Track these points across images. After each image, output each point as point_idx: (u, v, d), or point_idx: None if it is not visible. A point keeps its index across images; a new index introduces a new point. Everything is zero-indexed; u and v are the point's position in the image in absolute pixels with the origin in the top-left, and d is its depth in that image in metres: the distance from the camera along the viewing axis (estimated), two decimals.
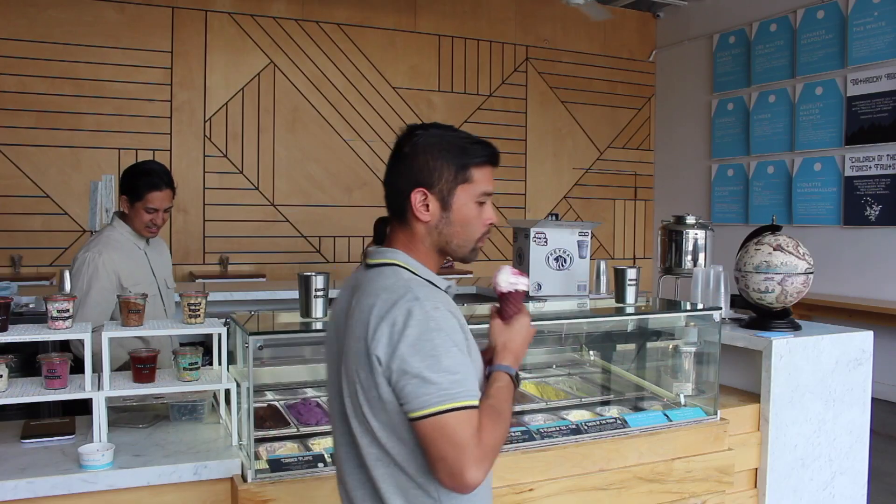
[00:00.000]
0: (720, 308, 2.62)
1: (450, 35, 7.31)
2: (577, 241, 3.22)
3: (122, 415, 2.20)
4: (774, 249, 2.68)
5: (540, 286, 3.19)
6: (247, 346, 1.92)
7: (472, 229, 1.32)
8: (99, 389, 1.91)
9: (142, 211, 2.65)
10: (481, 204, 1.33)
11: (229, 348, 2.06)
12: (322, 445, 2.09)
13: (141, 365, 1.99)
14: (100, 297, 2.59)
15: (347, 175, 6.90)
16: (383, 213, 1.24)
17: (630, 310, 2.70)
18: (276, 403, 2.39)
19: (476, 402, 1.17)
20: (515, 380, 1.30)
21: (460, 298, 4.15)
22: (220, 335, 2.04)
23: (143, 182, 2.62)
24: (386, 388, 1.18)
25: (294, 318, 2.20)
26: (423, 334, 1.16)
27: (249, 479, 1.85)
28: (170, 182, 2.67)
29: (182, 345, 2.17)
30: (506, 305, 1.35)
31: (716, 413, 2.50)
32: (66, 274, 4.17)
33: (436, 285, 1.30)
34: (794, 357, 2.63)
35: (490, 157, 1.33)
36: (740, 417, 2.59)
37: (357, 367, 1.22)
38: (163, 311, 2.78)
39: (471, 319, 2.49)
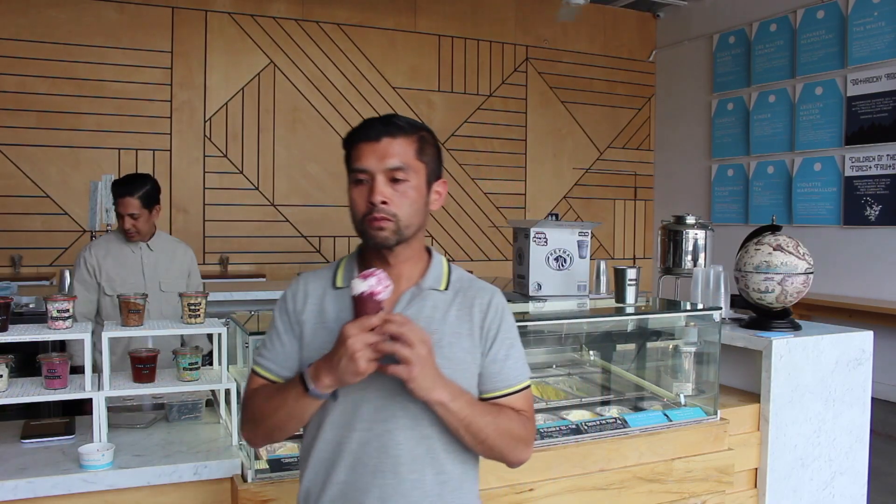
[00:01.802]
0: (720, 308, 2.62)
1: (450, 35, 7.31)
2: (577, 241, 3.21)
3: (122, 415, 2.20)
4: (774, 249, 2.67)
5: (540, 286, 3.19)
6: (247, 346, 1.92)
7: (354, 210, 1.28)
8: (99, 389, 1.91)
9: (118, 216, 2.93)
10: (359, 183, 1.27)
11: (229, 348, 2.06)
12: None
13: (141, 365, 1.99)
14: (77, 289, 2.91)
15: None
16: None
17: (630, 310, 2.70)
18: None
19: (259, 370, 1.34)
20: (304, 384, 1.20)
21: None
22: (220, 335, 2.04)
23: (114, 191, 2.94)
24: None
25: None
26: None
27: (249, 479, 1.85)
28: (134, 191, 2.88)
29: (183, 345, 2.17)
30: (357, 310, 1.18)
31: (716, 413, 2.50)
32: (67, 273, 4.20)
33: (335, 282, 1.34)
34: (794, 357, 2.63)
35: (358, 132, 1.29)
36: (740, 417, 2.58)
37: None
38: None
39: None
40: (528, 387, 1.34)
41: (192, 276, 3.13)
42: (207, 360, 2.25)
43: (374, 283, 1.15)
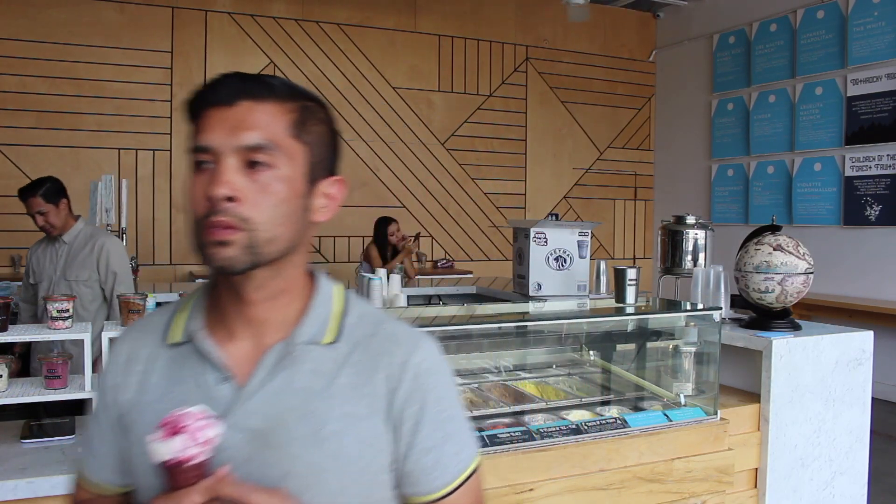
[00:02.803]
0: (720, 308, 2.62)
1: (450, 35, 7.31)
2: (577, 241, 3.21)
3: None
4: (774, 249, 2.67)
5: (540, 286, 3.19)
6: None
7: (191, 211, 0.83)
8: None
9: (31, 217, 3.24)
10: (199, 168, 0.83)
11: None
12: None
13: None
14: (24, 278, 3.42)
15: (347, 175, 6.77)
16: (383, 213, 1.23)
17: (630, 310, 2.70)
18: None
19: (80, 472, 0.96)
20: None
21: (459, 298, 4.17)
22: None
23: (20, 198, 3.23)
24: None
25: None
26: None
27: None
28: (36, 191, 3.19)
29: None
30: (168, 481, 0.78)
31: (716, 413, 2.50)
32: None
33: (168, 336, 0.91)
34: (794, 357, 2.63)
35: (205, 92, 0.85)
36: (740, 417, 2.58)
37: None
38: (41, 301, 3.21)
39: (470, 320, 2.50)
40: (476, 469, 0.94)
41: (104, 266, 3.21)
42: None
43: (181, 445, 0.75)
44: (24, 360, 3.26)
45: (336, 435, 0.84)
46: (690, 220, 3.11)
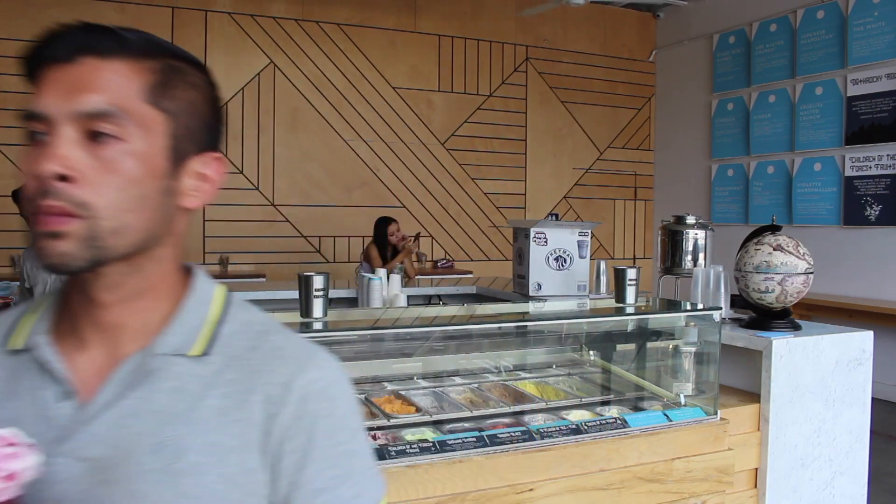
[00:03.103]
0: (720, 308, 2.62)
1: (450, 35, 7.31)
2: (577, 241, 3.21)
3: None
4: (774, 249, 2.67)
5: (540, 286, 3.19)
6: None
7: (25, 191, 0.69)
8: None
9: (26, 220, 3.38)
10: (34, 139, 0.73)
11: None
12: None
13: None
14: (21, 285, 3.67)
15: (347, 175, 6.91)
16: (383, 213, 1.21)
17: (630, 310, 2.70)
18: None
19: None
20: None
21: (459, 299, 4.17)
22: None
23: (15, 199, 3.45)
24: None
25: (294, 318, 2.20)
26: None
27: None
28: None
29: None
30: None
31: (716, 413, 2.50)
32: None
33: (8, 341, 0.75)
34: (794, 357, 2.63)
35: (43, 46, 0.73)
36: (740, 417, 2.58)
37: None
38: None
39: (470, 320, 2.50)
40: None
41: None
42: None
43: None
44: None
45: (195, 469, 0.67)
46: (690, 220, 3.11)
